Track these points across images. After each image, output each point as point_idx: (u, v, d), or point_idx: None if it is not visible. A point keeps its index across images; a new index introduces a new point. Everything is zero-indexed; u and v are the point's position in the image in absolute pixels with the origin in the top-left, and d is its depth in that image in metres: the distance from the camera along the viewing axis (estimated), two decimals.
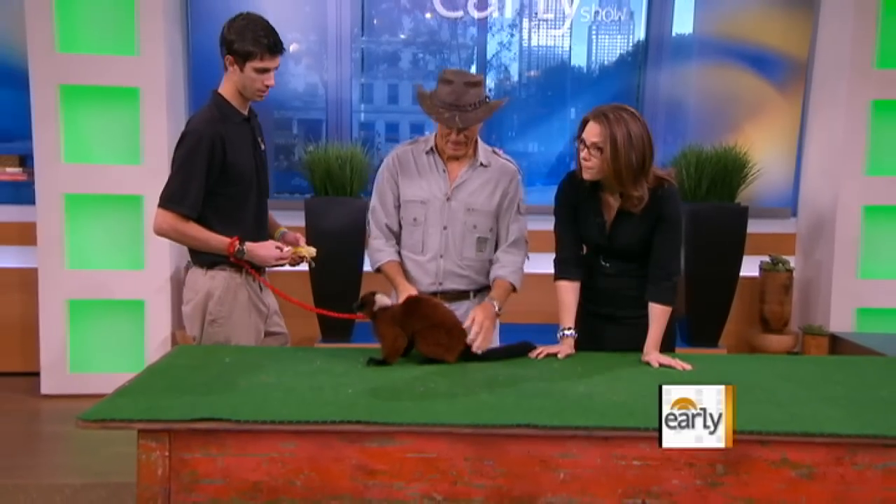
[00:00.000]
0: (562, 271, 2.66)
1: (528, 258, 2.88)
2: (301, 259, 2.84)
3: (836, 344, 5.04)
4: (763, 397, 2.13)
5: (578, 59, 5.70)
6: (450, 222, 2.78)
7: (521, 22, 5.59)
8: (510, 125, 5.77)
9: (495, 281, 2.80)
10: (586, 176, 2.52)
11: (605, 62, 5.69)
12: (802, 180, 5.57)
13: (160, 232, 2.74)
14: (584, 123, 2.49)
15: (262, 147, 2.88)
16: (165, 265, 4.85)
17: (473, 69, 5.63)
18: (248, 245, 2.70)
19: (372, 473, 1.91)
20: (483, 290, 2.86)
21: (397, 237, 2.87)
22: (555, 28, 5.57)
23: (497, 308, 2.68)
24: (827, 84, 5.29)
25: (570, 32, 5.60)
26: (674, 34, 5.57)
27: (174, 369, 2.32)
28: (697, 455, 1.89)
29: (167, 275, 4.86)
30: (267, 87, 2.71)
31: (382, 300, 2.51)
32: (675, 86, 5.52)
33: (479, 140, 2.82)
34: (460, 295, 2.83)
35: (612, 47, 5.66)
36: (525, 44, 5.64)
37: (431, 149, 2.81)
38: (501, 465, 1.92)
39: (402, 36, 5.70)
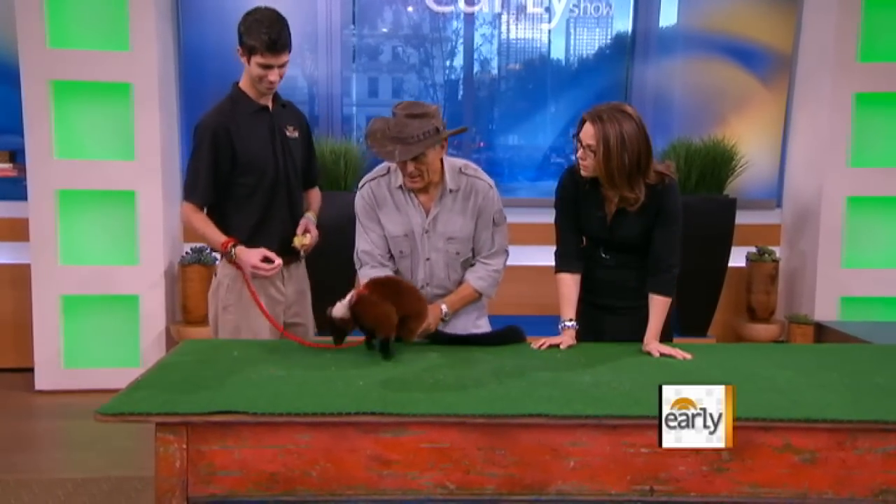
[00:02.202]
0: (563, 264, 2.70)
1: (505, 264, 2.87)
2: (296, 248, 2.92)
3: (821, 332, 5.12)
4: (764, 385, 2.19)
5: (567, 54, 5.76)
6: (432, 253, 2.78)
7: (509, 17, 5.63)
8: (496, 120, 5.81)
9: (462, 284, 2.82)
10: (583, 174, 2.57)
11: (594, 56, 5.74)
12: (787, 172, 5.66)
13: (182, 222, 2.90)
14: (582, 123, 2.53)
15: (292, 135, 2.95)
16: (160, 260, 4.86)
17: (459, 61, 5.67)
18: (238, 249, 2.80)
19: (386, 463, 1.95)
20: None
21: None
22: (545, 22, 5.62)
23: (444, 311, 2.73)
24: (811, 77, 5.38)
25: (560, 27, 5.65)
26: (665, 29, 5.64)
27: (184, 364, 2.35)
28: None
29: (162, 269, 4.87)
30: (271, 82, 2.78)
31: (341, 307, 2.44)
32: (661, 79, 5.58)
33: (447, 161, 2.75)
34: (445, 294, 2.85)
35: (601, 41, 5.72)
36: (513, 38, 5.68)
37: (401, 186, 2.74)
38: (513, 453, 1.96)
39: (387, 30, 5.72)
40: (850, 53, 5.11)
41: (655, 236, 2.61)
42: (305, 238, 2.92)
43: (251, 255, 2.78)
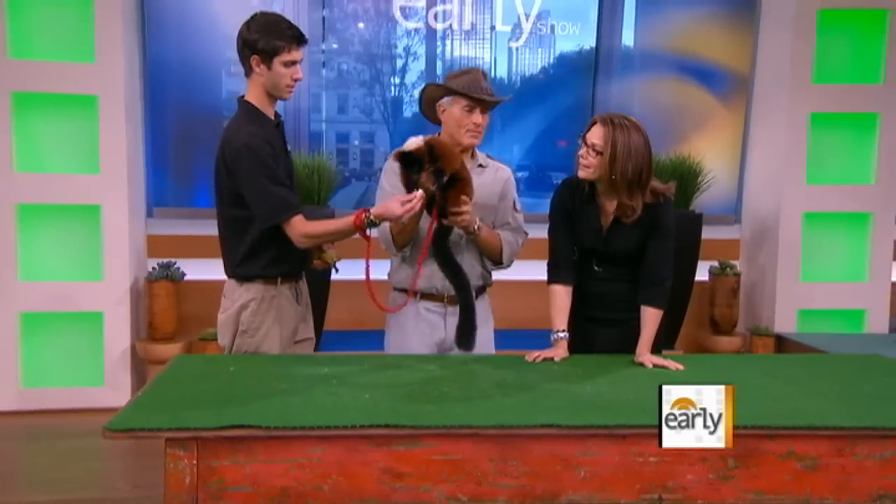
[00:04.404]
0: (555, 275, 2.73)
1: (521, 244, 2.93)
2: (326, 264, 2.85)
3: (782, 344, 5.29)
4: (759, 393, 2.25)
5: (533, 72, 5.83)
6: None
7: (477, 34, 5.68)
8: None
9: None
10: (581, 174, 2.61)
11: (560, 74, 5.83)
12: (746, 188, 5.81)
13: (302, 245, 2.67)
14: (591, 124, 2.59)
15: (289, 149, 2.84)
16: (125, 276, 4.77)
17: (427, 78, 5.70)
18: (374, 210, 2.59)
19: (398, 476, 1.94)
20: (481, 290, 2.91)
21: None
22: (512, 40, 5.69)
23: (477, 222, 2.71)
24: (768, 97, 5.54)
25: (527, 45, 5.72)
26: (628, 48, 5.78)
27: (183, 379, 2.31)
28: (710, 450, 1.98)
29: (127, 285, 4.77)
30: (296, 80, 2.68)
31: (415, 140, 2.62)
32: (625, 97, 5.68)
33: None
34: None
35: (567, 60, 5.80)
36: (480, 55, 5.72)
37: None
38: (525, 464, 1.97)
39: (354, 46, 5.72)
40: (805, 75, 5.29)
41: (649, 249, 2.66)
42: (333, 253, 2.87)
43: (393, 208, 2.55)
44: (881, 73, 5.34)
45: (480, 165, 2.88)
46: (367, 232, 2.63)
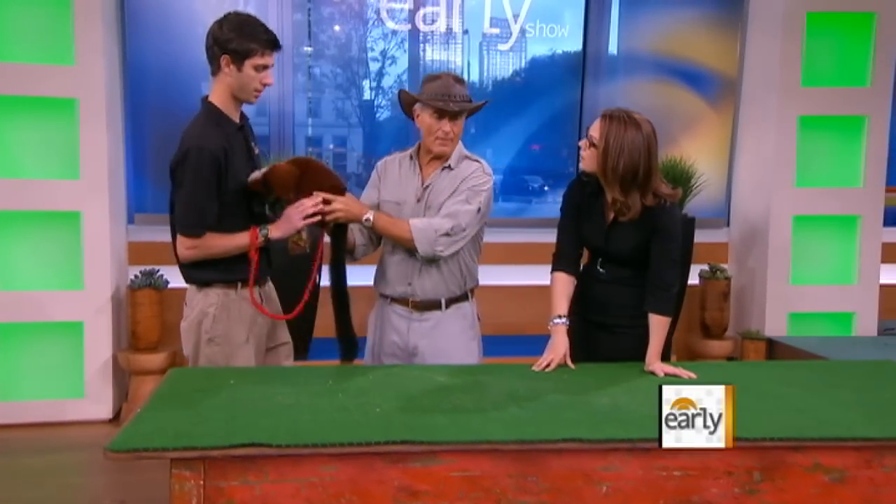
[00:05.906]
0: (559, 264, 2.73)
1: (451, 234, 2.71)
2: (302, 249, 2.72)
3: (773, 348, 5.25)
4: (780, 404, 2.19)
5: (521, 75, 5.77)
6: None
7: (465, 37, 5.61)
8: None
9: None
10: (582, 166, 2.64)
11: (548, 77, 5.77)
12: (735, 191, 5.78)
13: (185, 259, 2.60)
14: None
15: (256, 152, 2.77)
16: (106, 284, 4.62)
17: (414, 81, 5.63)
18: (271, 228, 2.62)
19: (414, 495, 1.87)
20: (456, 300, 2.85)
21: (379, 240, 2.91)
22: (501, 43, 5.63)
23: (367, 216, 2.67)
24: (757, 100, 5.51)
25: (515, 48, 5.66)
26: (616, 51, 5.73)
27: (182, 394, 2.21)
28: (735, 463, 1.93)
29: (108, 294, 4.62)
30: (265, 85, 2.61)
31: (258, 172, 2.62)
32: (613, 101, 5.61)
33: (460, 145, 2.84)
34: (431, 305, 2.82)
35: (555, 63, 5.75)
36: (468, 59, 5.66)
37: (411, 155, 2.87)
38: (545, 480, 1.90)
39: (338, 48, 5.63)
40: (794, 78, 5.25)
41: (652, 253, 2.61)
42: (304, 235, 2.71)
43: (291, 219, 2.59)
44: (868, 76, 5.33)
45: (448, 167, 2.80)
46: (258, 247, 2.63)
